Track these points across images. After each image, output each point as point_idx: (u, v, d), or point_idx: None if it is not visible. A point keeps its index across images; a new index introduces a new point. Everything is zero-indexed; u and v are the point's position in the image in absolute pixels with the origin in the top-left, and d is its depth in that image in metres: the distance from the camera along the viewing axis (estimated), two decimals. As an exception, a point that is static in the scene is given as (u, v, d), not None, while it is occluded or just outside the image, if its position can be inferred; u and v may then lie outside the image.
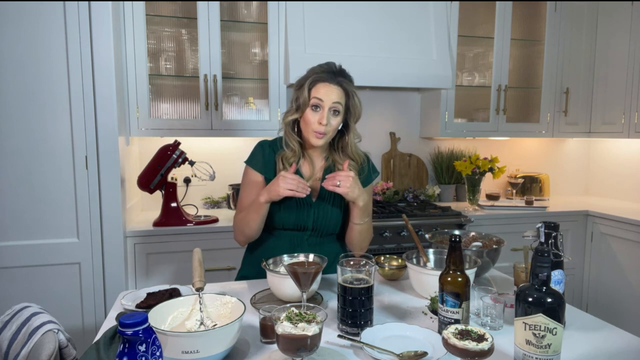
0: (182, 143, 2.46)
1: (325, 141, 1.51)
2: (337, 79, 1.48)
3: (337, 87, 1.47)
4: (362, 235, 1.58)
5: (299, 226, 1.56)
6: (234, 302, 1.13)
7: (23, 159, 2.09)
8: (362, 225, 1.54)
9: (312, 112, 1.47)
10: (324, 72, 1.49)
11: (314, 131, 1.47)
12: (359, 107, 1.53)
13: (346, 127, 1.56)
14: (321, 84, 1.47)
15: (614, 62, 3.10)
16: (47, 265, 2.16)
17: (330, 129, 1.48)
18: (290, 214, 1.55)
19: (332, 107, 1.46)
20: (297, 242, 1.57)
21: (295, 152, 1.54)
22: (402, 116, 3.24)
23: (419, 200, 3.02)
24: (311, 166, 1.60)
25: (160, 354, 0.83)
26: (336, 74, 1.49)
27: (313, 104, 1.46)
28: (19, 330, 1.18)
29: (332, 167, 1.58)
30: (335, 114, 1.48)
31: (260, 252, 1.59)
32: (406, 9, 2.71)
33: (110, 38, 2.14)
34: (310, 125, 1.47)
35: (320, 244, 1.59)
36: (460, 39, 2.96)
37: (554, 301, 0.92)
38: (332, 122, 1.48)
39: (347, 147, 1.56)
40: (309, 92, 1.47)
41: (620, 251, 2.84)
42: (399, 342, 1.09)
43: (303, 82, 1.50)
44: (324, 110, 1.45)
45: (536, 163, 3.53)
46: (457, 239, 1.12)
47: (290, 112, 1.53)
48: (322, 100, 1.45)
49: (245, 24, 2.75)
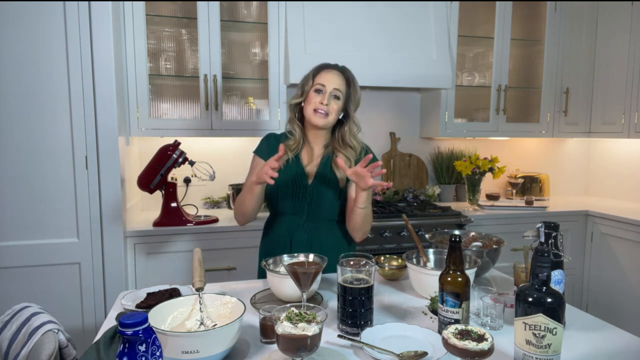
0: (182, 143, 2.46)
1: (326, 122, 1.59)
2: (340, 67, 1.64)
3: (339, 74, 1.61)
4: (365, 219, 1.59)
5: (295, 210, 1.63)
6: (234, 302, 1.13)
7: (23, 159, 2.09)
8: (365, 209, 1.54)
9: (314, 94, 1.59)
10: (328, 64, 1.65)
11: (314, 110, 1.58)
12: (358, 94, 1.64)
13: (346, 117, 1.65)
14: (324, 70, 1.61)
15: (614, 62, 3.10)
16: (47, 265, 2.16)
17: (332, 111, 1.58)
18: (286, 198, 1.62)
19: (332, 92, 1.58)
20: (294, 227, 1.64)
21: (296, 140, 1.65)
22: (402, 116, 3.24)
23: (419, 200, 3.02)
24: (310, 153, 1.67)
25: (160, 354, 0.83)
26: (338, 66, 1.65)
27: (316, 89, 1.59)
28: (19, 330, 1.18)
29: (330, 156, 1.65)
30: (336, 98, 1.59)
31: (266, 240, 1.74)
32: (406, 9, 2.71)
33: (110, 38, 2.14)
34: (312, 104, 1.58)
35: (316, 229, 1.64)
36: (460, 39, 2.96)
37: (554, 301, 0.92)
38: (333, 105, 1.58)
39: (345, 134, 1.64)
40: (313, 79, 1.61)
41: (620, 251, 2.84)
42: (399, 342, 1.09)
43: (308, 73, 1.64)
44: (326, 93, 1.58)
45: (536, 163, 3.53)
46: (457, 239, 1.12)
47: (296, 97, 1.65)
48: (324, 85, 1.58)
49: (245, 24, 2.75)
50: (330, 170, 1.63)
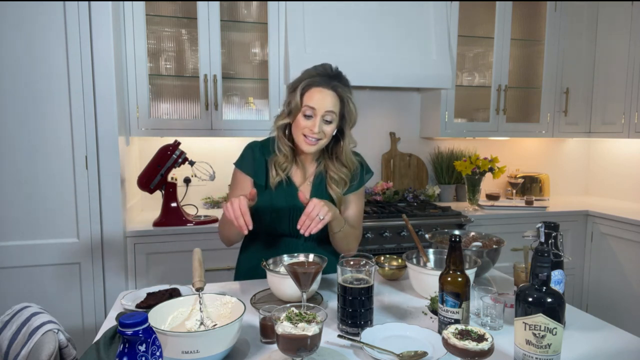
0: (182, 143, 2.46)
1: (318, 148, 1.47)
2: (332, 84, 1.42)
3: (332, 93, 1.42)
4: (344, 240, 1.52)
5: (291, 231, 1.53)
6: (234, 302, 1.13)
7: (23, 159, 2.09)
8: (340, 232, 1.47)
9: (304, 119, 1.42)
10: (319, 76, 1.43)
11: (305, 137, 1.43)
12: (354, 114, 1.48)
13: (341, 133, 1.51)
14: (315, 88, 1.41)
15: (614, 62, 3.10)
16: (47, 265, 2.16)
17: (324, 137, 1.44)
18: (283, 221, 1.52)
19: (324, 115, 1.41)
20: (292, 248, 1.51)
21: (287, 158, 1.51)
22: (402, 116, 3.24)
23: (419, 200, 3.02)
24: (303, 172, 1.57)
25: (160, 354, 0.83)
26: (331, 78, 1.44)
27: (305, 112, 1.41)
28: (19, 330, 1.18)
29: (323, 173, 1.55)
30: (328, 122, 1.43)
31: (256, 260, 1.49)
32: (406, 8, 2.71)
33: (110, 38, 2.14)
34: (302, 130, 1.43)
35: (316, 249, 1.55)
36: (460, 39, 2.96)
37: (554, 301, 0.92)
38: (326, 130, 1.43)
39: (341, 154, 1.52)
40: (301, 98, 1.42)
41: (620, 251, 2.84)
42: (399, 342, 1.09)
43: (296, 85, 1.44)
44: (317, 118, 1.41)
45: (536, 163, 3.53)
46: (457, 239, 1.12)
47: (282, 116, 1.49)
48: (314, 108, 1.40)
49: (245, 24, 2.75)
50: (324, 190, 1.54)
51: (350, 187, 1.56)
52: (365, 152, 1.74)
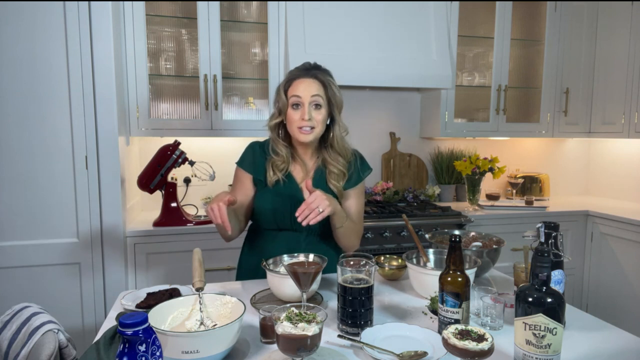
0: (182, 143, 2.46)
1: (314, 136, 1.49)
2: (311, 72, 1.49)
3: (312, 80, 1.48)
4: (348, 235, 1.55)
5: (294, 226, 1.54)
6: (234, 302, 1.13)
7: (23, 159, 2.09)
8: (342, 228, 1.49)
9: (293, 110, 1.47)
10: (298, 70, 1.52)
11: (298, 128, 1.47)
12: (339, 96, 1.52)
13: (332, 121, 1.55)
14: (296, 81, 1.48)
15: (614, 62, 3.10)
16: (47, 265, 2.16)
17: (317, 123, 1.47)
18: (285, 216, 1.54)
19: (311, 100, 1.46)
20: (294, 243, 1.55)
21: (284, 159, 1.54)
22: (402, 116, 3.24)
23: (419, 200, 3.02)
24: (303, 167, 1.58)
25: (160, 354, 0.83)
26: (310, 69, 1.51)
27: (292, 103, 1.47)
28: (19, 330, 1.18)
29: (323, 170, 1.57)
30: (317, 107, 1.47)
31: (257, 255, 1.54)
32: (406, 9, 2.71)
33: (110, 38, 2.14)
34: (294, 123, 1.47)
35: (318, 244, 1.58)
36: (460, 39, 2.96)
37: (554, 301, 0.92)
38: (316, 116, 1.47)
39: (333, 141, 1.55)
40: (285, 93, 1.49)
41: (620, 251, 2.84)
42: (399, 342, 1.09)
43: (280, 84, 1.52)
44: (305, 106, 1.45)
45: (536, 163, 3.53)
46: (457, 239, 1.12)
47: (274, 117, 1.54)
48: (299, 96, 1.46)
49: (245, 24, 2.75)
50: (325, 184, 1.55)
51: (349, 179, 1.58)
52: (365, 151, 1.75)
